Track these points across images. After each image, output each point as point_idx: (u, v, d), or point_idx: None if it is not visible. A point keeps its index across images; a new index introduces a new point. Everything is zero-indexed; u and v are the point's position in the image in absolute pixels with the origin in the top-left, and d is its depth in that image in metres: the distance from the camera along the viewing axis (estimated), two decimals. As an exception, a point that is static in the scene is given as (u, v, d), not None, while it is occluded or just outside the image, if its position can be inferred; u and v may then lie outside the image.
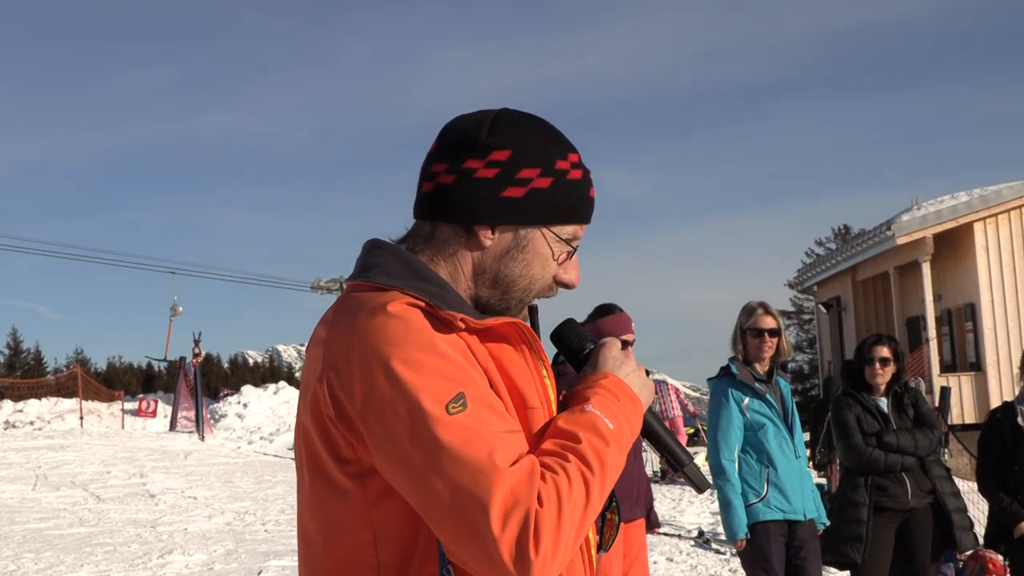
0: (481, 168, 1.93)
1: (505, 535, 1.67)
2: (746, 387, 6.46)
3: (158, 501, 16.51)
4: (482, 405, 1.77)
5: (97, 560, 11.53)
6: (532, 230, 1.97)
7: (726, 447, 6.41)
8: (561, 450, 1.80)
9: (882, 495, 6.64)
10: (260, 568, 10.92)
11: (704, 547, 12.35)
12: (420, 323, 1.81)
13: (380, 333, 1.78)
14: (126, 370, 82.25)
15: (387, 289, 1.87)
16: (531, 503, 1.69)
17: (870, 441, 6.67)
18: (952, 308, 26.84)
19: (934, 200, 27.55)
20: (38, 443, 25.21)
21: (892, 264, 27.81)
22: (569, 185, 1.98)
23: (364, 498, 1.81)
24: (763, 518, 6.34)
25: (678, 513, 14.98)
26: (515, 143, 1.95)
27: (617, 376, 1.98)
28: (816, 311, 37.86)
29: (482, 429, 1.74)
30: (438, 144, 2.00)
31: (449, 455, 1.70)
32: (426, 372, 1.75)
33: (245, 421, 32.12)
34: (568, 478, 1.75)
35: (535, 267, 1.99)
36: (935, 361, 25.14)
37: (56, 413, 33.63)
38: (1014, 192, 25.25)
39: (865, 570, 6.67)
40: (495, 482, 1.69)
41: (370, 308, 1.83)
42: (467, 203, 1.93)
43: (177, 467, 21.35)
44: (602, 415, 1.87)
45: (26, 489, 17.68)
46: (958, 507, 6.74)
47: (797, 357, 58.03)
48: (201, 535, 13.22)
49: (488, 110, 2.01)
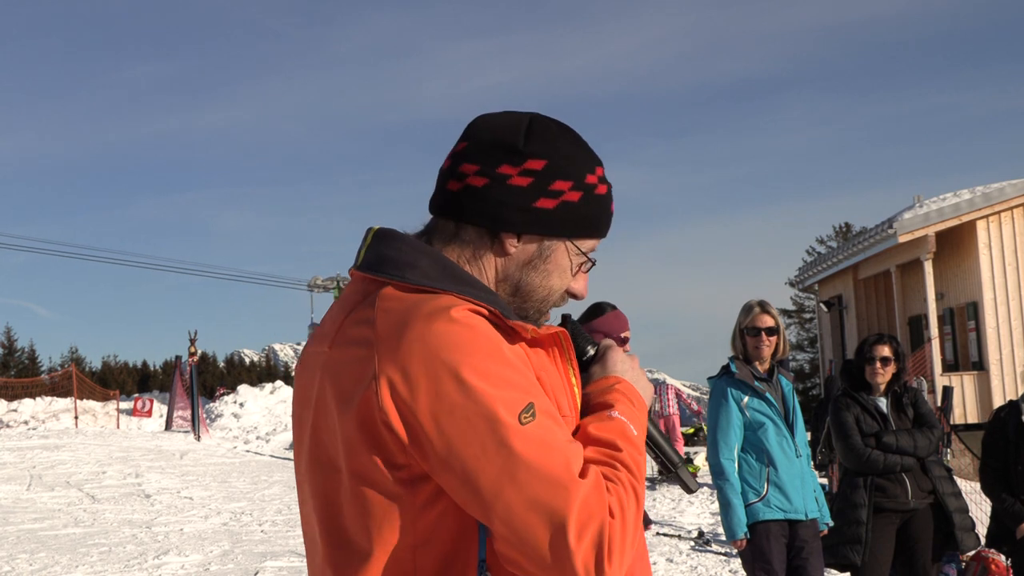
0: (516, 175, 1.93)
1: (582, 548, 1.69)
2: (746, 386, 6.47)
3: (154, 501, 16.51)
4: (547, 415, 1.78)
5: (92, 561, 11.54)
6: (556, 242, 1.98)
7: (725, 446, 6.42)
8: (609, 460, 1.81)
9: (882, 496, 6.66)
10: (257, 569, 10.93)
11: (704, 548, 12.36)
12: (487, 331, 1.80)
13: (445, 339, 1.76)
14: (121, 369, 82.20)
15: (437, 292, 1.84)
16: (604, 516, 1.71)
17: (869, 442, 6.69)
18: (954, 307, 26.85)
19: (936, 198, 27.56)
20: (32, 443, 25.22)
21: (894, 262, 27.81)
22: (596, 200, 2.00)
23: (412, 504, 1.80)
24: (763, 518, 6.35)
25: (678, 513, 14.99)
26: (551, 153, 1.95)
27: (627, 380, 2.00)
28: (817, 310, 37.85)
29: (553, 440, 1.74)
30: (468, 143, 1.98)
31: (525, 466, 1.70)
32: (497, 381, 1.74)
33: (241, 421, 32.12)
34: (624, 488, 1.77)
35: (554, 278, 2.00)
36: (937, 360, 25.14)
37: (51, 412, 33.64)
38: (1017, 190, 25.24)
39: (865, 571, 6.69)
40: (572, 494, 1.70)
41: (429, 312, 1.79)
42: (498, 209, 1.93)
43: (173, 467, 21.36)
44: (628, 422, 1.89)
45: (20, 489, 17.69)
46: (959, 507, 6.75)
47: (798, 356, 58.08)
48: (197, 536, 13.22)
49: (520, 113, 2.01)
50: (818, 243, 60.85)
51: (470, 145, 1.97)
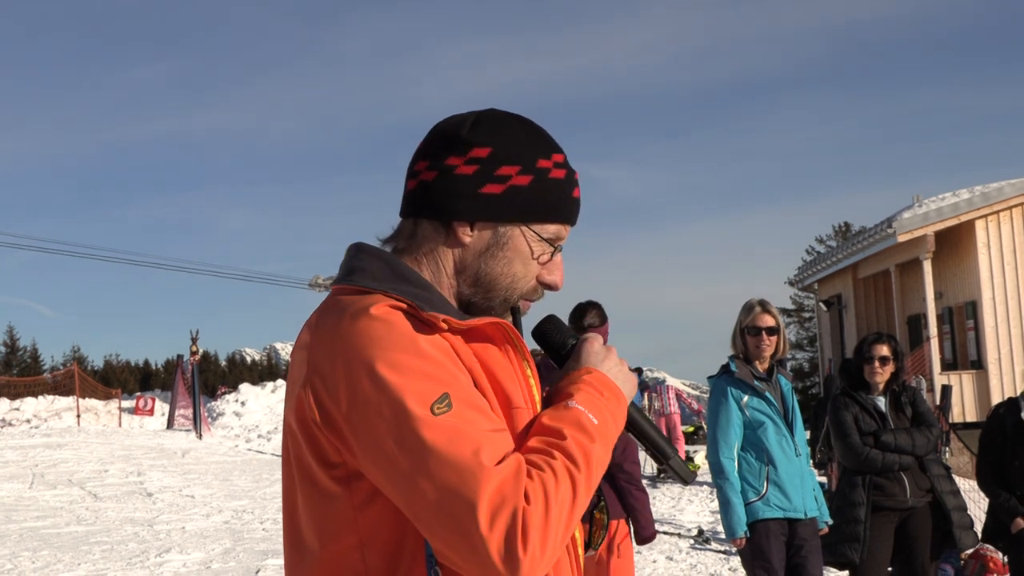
0: (461, 165, 1.94)
1: (493, 534, 1.67)
2: (745, 385, 6.48)
3: (155, 500, 16.52)
4: (467, 405, 1.77)
5: (94, 559, 11.55)
6: (512, 228, 1.97)
7: (725, 445, 6.43)
8: (547, 447, 1.80)
9: (880, 494, 6.67)
10: (258, 567, 10.94)
11: (704, 546, 12.37)
12: (403, 325, 1.81)
13: (363, 336, 1.78)
14: (123, 368, 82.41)
15: (370, 292, 1.87)
16: (518, 501, 1.69)
17: (868, 440, 6.69)
18: (953, 306, 26.86)
19: (935, 197, 27.57)
20: (35, 441, 25.22)
21: (893, 262, 27.82)
22: (550, 184, 1.98)
23: (351, 502, 1.82)
24: (763, 516, 6.36)
25: (678, 512, 15.00)
26: (496, 140, 1.95)
27: (600, 371, 1.97)
28: (817, 309, 37.87)
29: (468, 429, 1.73)
30: (422, 143, 2.01)
31: (435, 456, 1.70)
32: (410, 374, 1.75)
33: (243, 419, 32.11)
34: (555, 475, 1.75)
35: (516, 265, 1.99)
36: (936, 359, 25.15)
37: (53, 411, 33.62)
38: (1016, 189, 25.25)
39: (864, 570, 6.69)
40: (482, 481, 1.69)
41: (353, 311, 1.83)
42: (446, 200, 1.94)
43: (175, 465, 21.36)
44: (586, 410, 1.87)
45: (23, 487, 17.70)
46: (958, 506, 6.76)
47: (797, 355, 58.12)
48: (199, 534, 13.23)
49: (474, 110, 2.03)
50: (817, 242, 60.92)
51: (425, 144, 2.01)
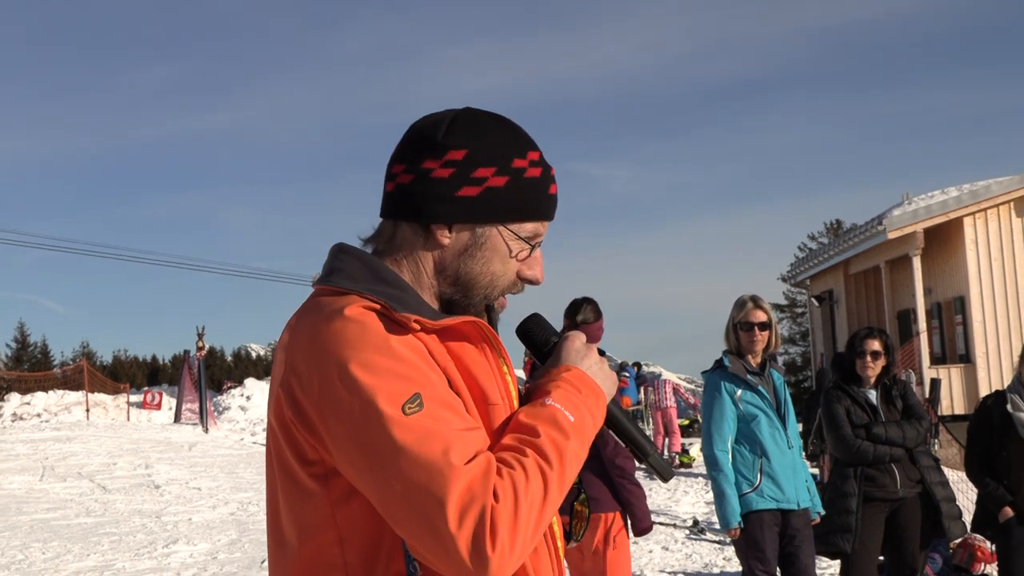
0: (437, 168, 1.91)
1: (462, 532, 1.66)
2: (739, 379, 6.48)
3: (163, 492, 16.53)
4: (439, 404, 1.76)
5: (103, 549, 11.56)
6: (489, 228, 1.95)
7: (719, 438, 6.43)
8: (519, 444, 1.79)
9: (871, 485, 6.67)
10: (263, 557, 10.94)
11: (699, 536, 12.38)
12: (375, 326, 1.79)
13: (337, 337, 1.78)
14: (131, 363, 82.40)
15: (347, 293, 1.86)
16: (487, 499, 1.68)
17: (859, 433, 6.69)
18: (942, 301, 26.87)
19: (924, 195, 27.58)
20: (45, 435, 25.24)
21: (883, 258, 27.82)
22: (526, 183, 1.96)
23: (328, 499, 1.81)
24: (756, 507, 6.36)
25: (673, 503, 15.01)
26: (471, 142, 1.93)
27: (579, 368, 1.96)
28: (808, 304, 37.87)
29: (438, 428, 1.72)
30: (399, 144, 1.99)
31: (405, 455, 1.69)
32: (382, 374, 1.74)
33: (248, 413, 32.15)
34: (525, 472, 1.74)
35: (495, 264, 1.97)
36: (925, 353, 25.15)
37: (63, 405, 33.63)
38: (1003, 187, 25.25)
39: (855, 559, 6.70)
40: (451, 480, 1.68)
41: (328, 312, 1.82)
42: (423, 203, 1.92)
43: (181, 458, 21.37)
44: (562, 408, 1.86)
45: (33, 480, 17.71)
46: (946, 496, 6.77)
47: (790, 350, 58.14)
48: (205, 525, 13.24)
49: (451, 109, 2.00)
50: (810, 239, 60.88)
51: (400, 146, 1.98)
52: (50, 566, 10.73)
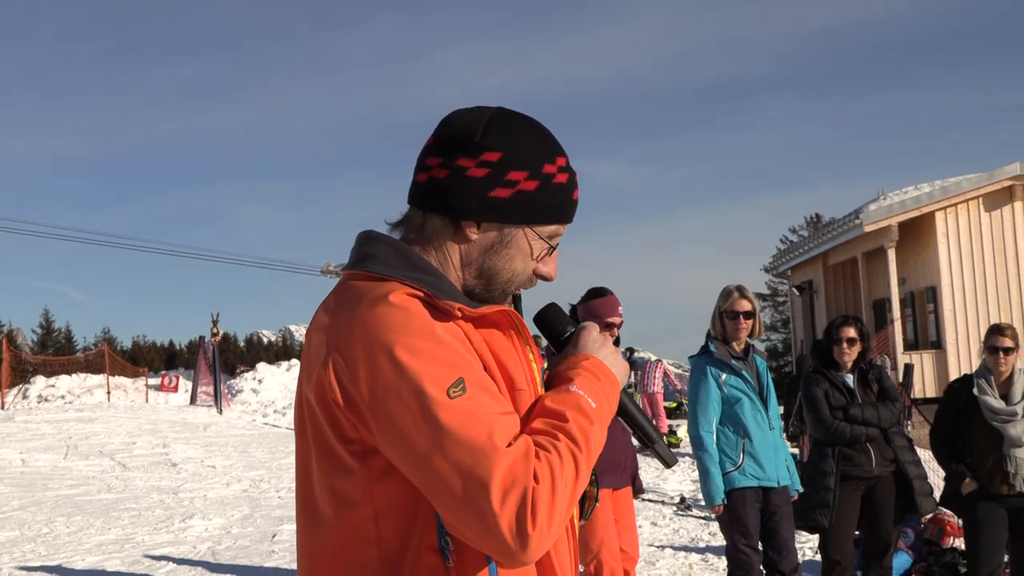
0: (472, 167, 1.90)
1: (505, 512, 1.67)
2: (723, 364, 6.48)
3: (180, 469, 16.54)
4: (480, 389, 1.76)
5: (124, 524, 11.57)
6: (516, 228, 1.95)
7: (705, 420, 6.43)
8: (551, 429, 1.79)
9: (848, 464, 6.67)
10: (274, 532, 10.95)
11: (685, 512, 12.39)
12: (420, 312, 1.79)
13: (383, 322, 1.76)
14: (150, 348, 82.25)
15: (386, 279, 1.85)
16: (528, 481, 1.69)
17: (837, 415, 6.70)
18: (915, 291, 26.87)
19: (899, 191, 27.57)
20: (69, 416, 25.23)
21: (860, 250, 27.82)
22: (554, 188, 1.96)
23: (367, 476, 1.80)
24: (739, 485, 6.37)
25: (661, 481, 15.02)
26: (506, 145, 1.91)
27: (597, 357, 1.96)
28: (789, 294, 37.86)
29: (481, 412, 1.72)
30: (435, 138, 1.96)
31: (451, 437, 1.69)
32: (428, 359, 1.73)
33: (260, 396, 32.09)
34: (559, 456, 1.74)
35: (516, 262, 1.97)
36: (899, 340, 25.17)
37: (85, 388, 33.59)
38: (972, 184, 25.25)
39: (832, 533, 6.71)
40: (495, 462, 1.68)
41: (372, 297, 1.81)
42: (456, 199, 1.91)
43: (197, 438, 21.37)
44: (585, 395, 1.86)
45: (58, 458, 17.71)
46: (919, 475, 6.78)
47: (771, 336, 58.10)
48: (219, 501, 13.25)
49: (485, 108, 1.98)
50: (791, 232, 60.79)
51: (437, 139, 1.96)
52: (74, 539, 10.73)
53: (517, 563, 1.72)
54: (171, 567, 9.36)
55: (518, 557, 1.70)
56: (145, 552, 10.04)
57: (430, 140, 1.98)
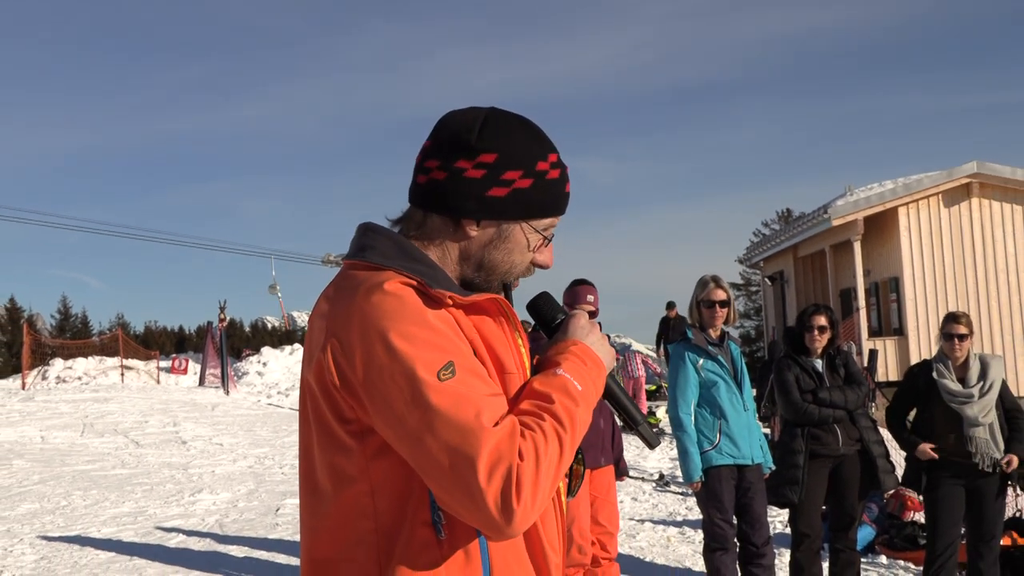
0: (470, 169, 1.90)
1: (491, 487, 1.67)
2: (700, 350, 6.49)
3: (189, 447, 16.52)
4: (469, 372, 1.76)
5: (137, 497, 11.56)
6: (513, 224, 1.95)
7: (683, 402, 6.44)
8: (537, 410, 1.79)
9: (816, 443, 6.69)
10: (278, 505, 10.95)
11: (664, 488, 12.42)
12: (413, 300, 1.79)
13: (379, 309, 1.76)
14: (161, 333, 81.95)
15: (383, 268, 1.85)
16: (513, 458, 1.69)
17: (806, 397, 6.71)
18: (879, 281, 26.92)
19: (864, 187, 27.58)
20: (85, 396, 25.17)
21: (828, 243, 27.86)
22: (547, 184, 1.96)
23: (364, 454, 1.80)
24: (715, 463, 6.38)
25: (642, 459, 15.05)
26: (501, 146, 1.91)
27: (585, 343, 1.96)
28: (762, 284, 37.90)
29: (469, 393, 1.73)
30: (433, 140, 1.96)
31: (441, 417, 1.69)
32: (419, 344, 1.73)
33: (264, 378, 32.01)
34: (544, 435, 1.74)
35: (515, 255, 1.98)
36: (864, 327, 25.22)
37: (100, 370, 33.49)
38: (933, 181, 25.30)
39: (801, 508, 6.73)
40: (482, 440, 1.68)
41: (368, 286, 1.81)
42: (456, 200, 1.91)
43: (205, 418, 21.34)
44: (571, 378, 1.86)
45: (75, 435, 17.67)
46: (882, 453, 6.80)
47: (745, 323, 58.18)
48: (226, 476, 13.24)
49: (479, 109, 1.97)
50: (763, 226, 60.85)
51: (433, 142, 1.95)
52: (90, 511, 10.73)
53: (503, 536, 1.72)
54: (181, 538, 9.36)
55: (504, 530, 1.70)
56: (157, 524, 10.04)
57: (428, 143, 1.97)
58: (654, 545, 9.17)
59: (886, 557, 8.96)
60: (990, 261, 25.31)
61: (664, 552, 8.93)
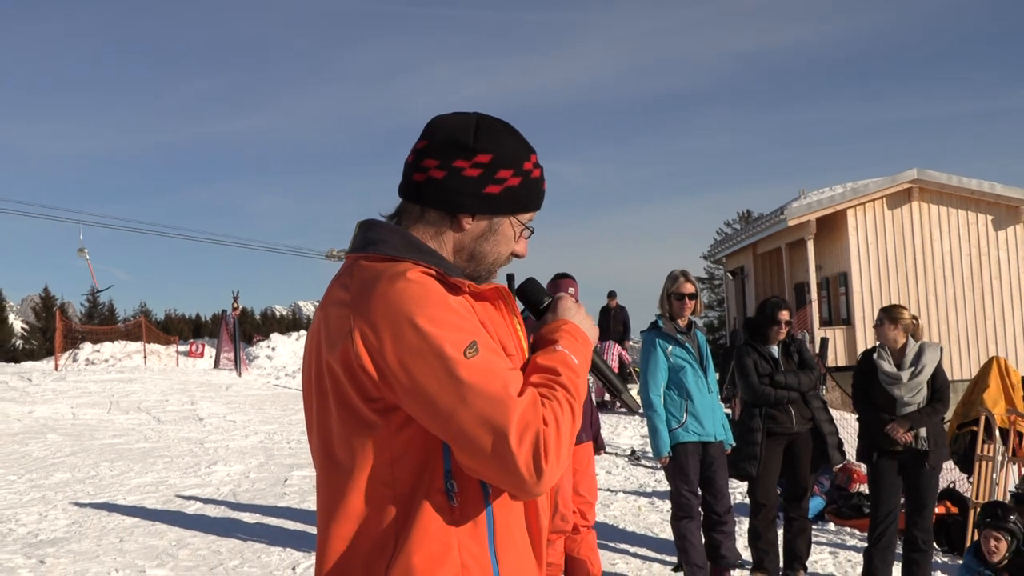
0: (468, 168, 1.91)
1: (522, 451, 1.69)
2: (670, 338, 6.51)
3: (205, 423, 16.47)
4: (489, 350, 1.78)
5: (158, 469, 11.53)
6: (502, 218, 1.97)
7: (654, 384, 6.46)
8: (548, 382, 1.82)
9: (772, 422, 6.72)
10: (286, 477, 10.95)
11: (636, 463, 12.45)
12: (435, 287, 1.80)
13: (404, 295, 1.76)
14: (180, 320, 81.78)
15: (399, 259, 1.85)
16: (539, 424, 1.72)
17: (764, 380, 6.74)
18: (830, 276, 27.02)
19: (817, 191, 27.66)
20: (111, 376, 25.07)
21: (784, 241, 27.94)
22: (532, 182, 1.98)
23: (387, 428, 1.80)
24: (682, 440, 6.41)
25: (615, 436, 15.07)
26: (495, 148, 1.93)
27: (573, 322, 1.99)
28: (724, 278, 37.99)
29: (494, 368, 1.74)
30: (428, 141, 1.95)
31: (473, 390, 1.71)
32: (445, 325, 1.74)
33: (273, 361, 31.94)
34: (559, 403, 1.78)
35: (502, 246, 1.99)
36: (816, 318, 25.32)
37: (125, 353, 33.35)
38: (878, 185, 25.41)
39: (759, 481, 6.76)
40: (511, 409, 1.70)
41: (391, 275, 1.81)
42: (455, 196, 1.92)
43: (220, 397, 21.28)
44: (569, 353, 1.89)
45: (102, 412, 17.61)
46: (831, 431, 6.84)
47: (709, 314, 58.25)
48: (239, 450, 13.22)
49: (468, 114, 1.98)
50: (726, 226, 60.92)
51: (430, 143, 1.95)
52: (116, 481, 10.70)
53: (532, 495, 1.75)
54: (198, 505, 9.35)
55: (534, 491, 1.73)
56: (176, 492, 10.02)
57: (422, 143, 1.96)
58: (626, 514, 9.20)
59: (834, 524, 9.02)
60: (928, 258, 25.44)
61: (635, 520, 8.97)
